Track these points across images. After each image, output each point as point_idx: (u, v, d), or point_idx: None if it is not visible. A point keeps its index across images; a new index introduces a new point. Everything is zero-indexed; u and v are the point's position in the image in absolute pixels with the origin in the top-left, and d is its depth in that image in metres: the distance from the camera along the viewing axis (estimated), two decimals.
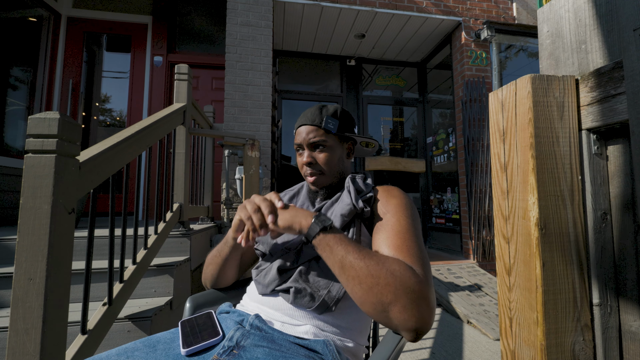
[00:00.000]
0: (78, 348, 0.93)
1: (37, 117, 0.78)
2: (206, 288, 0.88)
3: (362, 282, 0.55)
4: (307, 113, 0.81)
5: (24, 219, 0.76)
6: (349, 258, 0.56)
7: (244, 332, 0.62)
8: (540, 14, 0.70)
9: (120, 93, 3.75)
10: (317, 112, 0.80)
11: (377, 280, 0.53)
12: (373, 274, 0.54)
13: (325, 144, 0.78)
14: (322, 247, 0.60)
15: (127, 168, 1.21)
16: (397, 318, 0.52)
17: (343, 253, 0.57)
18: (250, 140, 2.28)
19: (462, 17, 3.71)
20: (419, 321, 0.52)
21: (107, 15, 3.72)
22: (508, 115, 0.63)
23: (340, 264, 0.57)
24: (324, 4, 3.39)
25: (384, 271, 0.54)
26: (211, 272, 0.83)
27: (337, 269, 0.58)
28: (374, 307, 0.54)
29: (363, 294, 0.55)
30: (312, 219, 0.62)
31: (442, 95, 4.28)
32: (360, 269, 0.55)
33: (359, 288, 0.55)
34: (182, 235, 1.78)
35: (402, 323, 0.52)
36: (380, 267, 0.55)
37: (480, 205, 3.48)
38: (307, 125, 0.79)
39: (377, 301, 0.53)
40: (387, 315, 0.53)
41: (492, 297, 2.55)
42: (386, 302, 0.53)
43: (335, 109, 0.82)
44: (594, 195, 0.57)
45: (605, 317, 0.55)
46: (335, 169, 0.80)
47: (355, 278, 0.55)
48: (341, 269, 0.57)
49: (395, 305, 0.52)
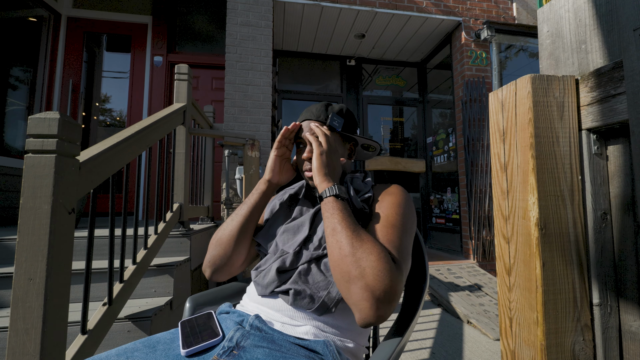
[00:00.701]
0: (78, 348, 0.93)
1: (37, 117, 0.78)
2: (206, 275, 0.82)
3: (341, 249, 0.60)
4: (311, 109, 0.81)
5: (24, 219, 0.76)
6: (343, 224, 0.62)
7: (243, 333, 0.62)
8: (540, 14, 0.70)
9: (120, 93, 3.75)
10: (322, 108, 0.80)
11: (353, 252, 0.58)
12: (353, 244, 0.59)
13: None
14: (326, 207, 0.66)
15: (127, 168, 1.21)
16: (356, 294, 0.56)
17: (339, 219, 0.63)
18: (250, 140, 2.28)
19: (462, 17, 3.71)
20: (374, 307, 0.54)
21: (107, 15, 3.72)
22: (508, 115, 0.63)
23: (332, 227, 0.63)
24: (324, 4, 3.39)
25: (362, 248, 0.58)
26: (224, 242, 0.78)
27: (329, 229, 0.64)
28: (342, 275, 0.58)
29: (337, 259, 0.60)
30: (334, 184, 0.70)
31: (442, 95, 4.28)
32: (347, 237, 0.60)
33: (337, 252, 0.60)
34: (182, 235, 1.78)
35: (358, 301, 0.55)
36: (360, 244, 0.59)
37: (480, 205, 3.47)
38: (312, 120, 0.79)
39: (345, 270, 0.58)
40: (349, 288, 0.57)
41: (492, 297, 2.55)
42: (352, 275, 0.56)
43: (341, 108, 0.82)
44: (594, 195, 0.57)
45: (605, 317, 0.55)
46: (338, 167, 0.80)
47: (338, 242, 0.61)
48: (332, 231, 0.63)
49: (358, 281, 0.56)
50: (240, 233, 0.78)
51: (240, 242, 0.79)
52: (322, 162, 0.72)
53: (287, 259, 0.71)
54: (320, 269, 0.69)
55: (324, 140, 0.75)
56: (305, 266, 0.69)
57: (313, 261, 0.70)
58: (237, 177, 2.68)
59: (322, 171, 0.71)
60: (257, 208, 0.80)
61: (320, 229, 0.74)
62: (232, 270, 0.82)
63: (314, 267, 0.69)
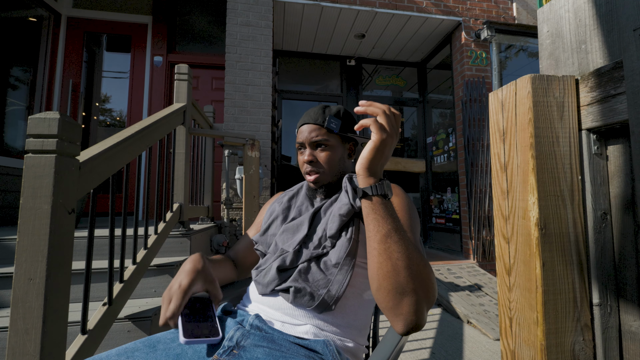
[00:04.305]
0: (78, 348, 0.93)
1: (37, 117, 0.78)
2: None
3: (397, 260, 0.54)
4: (310, 112, 0.82)
5: (24, 219, 0.76)
6: (396, 234, 0.56)
7: (244, 332, 0.62)
8: (540, 14, 0.70)
9: (120, 93, 3.75)
10: (320, 111, 0.80)
11: (410, 264, 0.54)
12: (410, 257, 0.54)
13: (327, 143, 0.79)
14: (376, 207, 0.58)
15: (127, 168, 1.21)
16: (408, 306, 0.53)
17: (393, 226, 0.56)
18: (250, 140, 2.28)
19: (462, 17, 3.71)
20: (422, 318, 0.54)
21: (107, 15, 3.72)
22: (508, 115, 0.63)
23: (385, 234, 0.56)
24: (324, 4, 3.39)
25: (418, 260, 0.55)
26: None
27: (379, 236, 0.56)
28: (393, 285, 0.53)
29: (389, 271, 0.54)
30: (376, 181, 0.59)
31: (442, 95, 4.28)
32: (402, 248, 0.55)
33: (389, 264, 0.54)
34: (182, 235, 1.78)
35: (408, 314, 0.53)
36: (417, 255, 0.56)
37: (480, 205, 3.47)
38: (310, 124, 0.80)
39: (399, 283, 0.53)
40: (401, 299, 0.53)
41: (492, 297, 2.55)
42: (408, 289, 0.53)
43: (338, 109, 0.82)
44: (594, 195, 0.57)
45: (605, 317, 0.55)
46: (336, 168, 0.81)
47: (391, 253, 0.54)
48: (384, 238, 0.55)
49: (414, 294, 0.53)
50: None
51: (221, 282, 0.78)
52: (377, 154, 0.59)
53: (287, 257, 0.71)
54: (320, 268, 0.69)
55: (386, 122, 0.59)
56: (305, 265, 0.70)
57: (313, 260, 0.70)
58: (237, 177, 2.68)
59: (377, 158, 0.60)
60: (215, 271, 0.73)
61: (319, 228, 0.74)
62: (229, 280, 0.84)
63: (314, 265, 0.69)
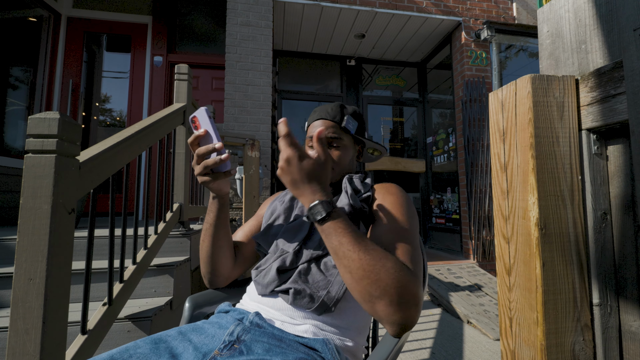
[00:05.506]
0: (78, 348, 0.93)
1: (37, 117, 0.78)
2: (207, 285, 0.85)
3: (352, 273, 0.55)
4: (326, 108, 0.81)
5: (24, 219, 0.76)
6: (342, 249, 0.56)
7: (244, 328, 0.62)
8: (540, 14, 0.70)
9: (120, 93, 3.75)
10: (338, 109, 0.80)
11: (368, 274, 0.54)
12: (365, 268, 0.54)
13: (341, 142, 0.79)
14: (321, 230, 0.59)
15: (127, 168, 1.21)
16: (383, 311, 0.53)
17: (337, 244, 0.57)
18: (250, 140, 2.28)
19: (462, 17, 3.71)
20: (403, 317, 0.53)
21: (107, 15, 3.72)
22: (508, 115, 0.63)
23: (334, 252, 0.58)
24: (324, 4, 3.39)
25: (377, 267, 0.54)
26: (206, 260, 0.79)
27: (332, 254, 0.58)
28: (362, 296, 0.55)
29: (352, 282, 0.56)
30: (316, 201, 0.58)
31: (442, 95, 4.28)
32: (353, 260, 0.55)
33: (349, 276, 0.56)
34: (182, 235, 1.78)
35: (386, 317, 0.53)
36: (373, 263, 0.54)
37: (480, 205, 3.47)
38: (327, 120, 0.79)
39: (365, 292, 0.54)
40: (373, 307, 0.54)
41: (492, 297, 2.55)
42: (374, 295, 0.54)
43: (354, 110, 0.82)
44: (594, 195, 0.57)
45: (605, 317, 0.55)
46: (345, 168, 0.81)
47: (346, 267, 0.56)
48: (335, 256, 0.58)
49: (382, 299, 0.53)
50: (215, 252, 0.78)
51: (220, 259, 0.79)
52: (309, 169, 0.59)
53: (287, 258, 0.71)
54: (320, 269, 0.69)
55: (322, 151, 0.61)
56: (305, 266, 0.69)
57: (313, 261, 0.70)
58: (237, 177, 2.68)
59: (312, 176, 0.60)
60: (220, 223, 0.77)
61: None
62: (228, 277, 0.83)
63: (314, 266, 0.69)
